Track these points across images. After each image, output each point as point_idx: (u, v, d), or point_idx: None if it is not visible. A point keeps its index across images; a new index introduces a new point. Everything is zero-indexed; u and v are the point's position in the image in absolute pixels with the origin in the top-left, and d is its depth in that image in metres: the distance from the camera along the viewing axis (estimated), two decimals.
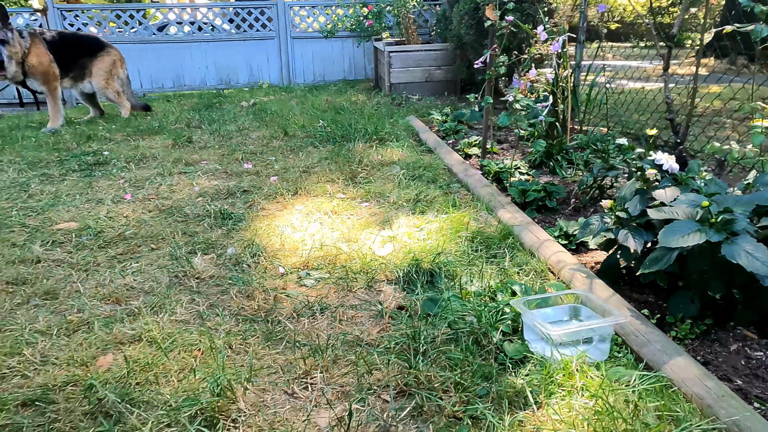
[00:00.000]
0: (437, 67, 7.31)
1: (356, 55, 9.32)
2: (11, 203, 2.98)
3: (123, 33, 8.62)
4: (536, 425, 1.32)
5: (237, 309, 1.91)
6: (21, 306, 1.90)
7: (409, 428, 1.35)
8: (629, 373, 1.50)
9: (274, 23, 8.96)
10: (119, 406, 1.36)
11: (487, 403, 1.41)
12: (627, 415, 1.30)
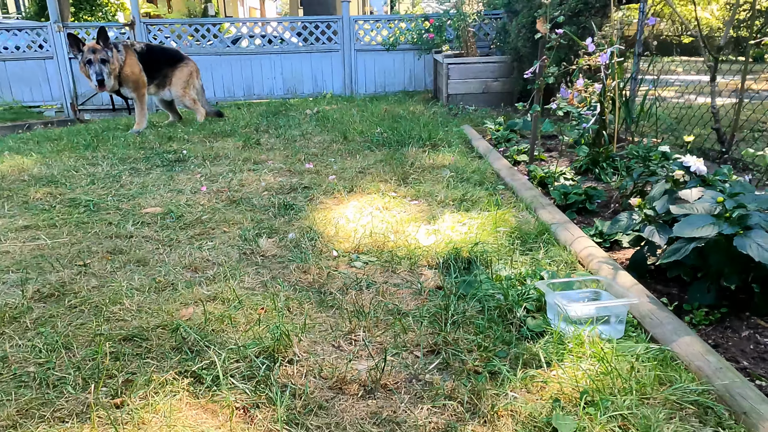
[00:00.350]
0: (494, 78, 7.49)
1: (416, 67, 9.61)
2: (107, 191, 3.43)
3: (200, 45, 9.29)
4: (545, 379, 1.52)
5: (295, 281, 2.20)
6: (119, 269, 2.27)
7: (434, 377, 1.58)
8: (637, 346, 1.67)
9: (339, 36, 9.39)
10: (199, 343, 1.67)
11: (505, 362, 1.63)
12: (625, 374, 1.49)
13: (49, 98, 9.63)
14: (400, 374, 1.59)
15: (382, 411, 1.44)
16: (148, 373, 1.53)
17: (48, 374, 1.54)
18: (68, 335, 1.73)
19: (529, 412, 1.41)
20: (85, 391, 1.46)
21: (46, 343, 1.68)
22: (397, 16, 9.51)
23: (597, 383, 1.47)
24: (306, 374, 1.57)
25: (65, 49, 9.18)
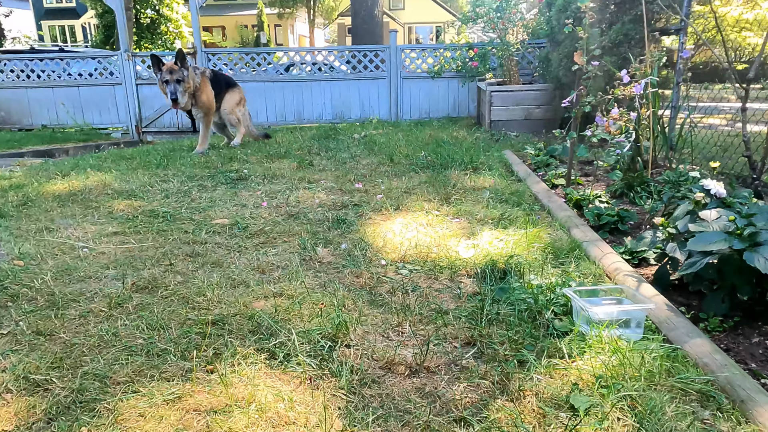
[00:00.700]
0: (536, 106, 7.73)
1: (460, 94, 9.93)
2: (180, 204, 3.85)
3: (255, 73, 9.89)
4: (566, 368, 1.77)
5: (349, 283, 2.51)
6: (198, 269, 2.63)
7: (470, 362, 1.84)
8: (651, 344, 1.89)
9: (386, 64, 9.82)
10: (272, 327, 1.99)
11: (532, 353, 1.87)
12: (637, 365, 1.72)
13: (116, 121, 10.40)
14: (441, 359, 1.86)
15: (425, 387, 1.71)
16: (231, 348, 1.85)
17: (152, 347, 1.88)
18: (164, 319, 2.09)
19: (551, 393, 1.65)
20: (183, 360, 1.79)
21: (147, 324, 2.04)
22: (442, 45, 9.92)
23: (611, 371, 1.71)
24: (361, 356, 1.87)
25: (133, 76, 9.96)
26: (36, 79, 10.31)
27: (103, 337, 1.95)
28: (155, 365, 1.77)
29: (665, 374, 1.71)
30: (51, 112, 10.62)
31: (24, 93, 10.50)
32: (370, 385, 1.71)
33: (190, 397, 1.59)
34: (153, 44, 23.63)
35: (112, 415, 1.51)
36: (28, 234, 3.18)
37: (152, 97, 10.14)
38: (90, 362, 1.79)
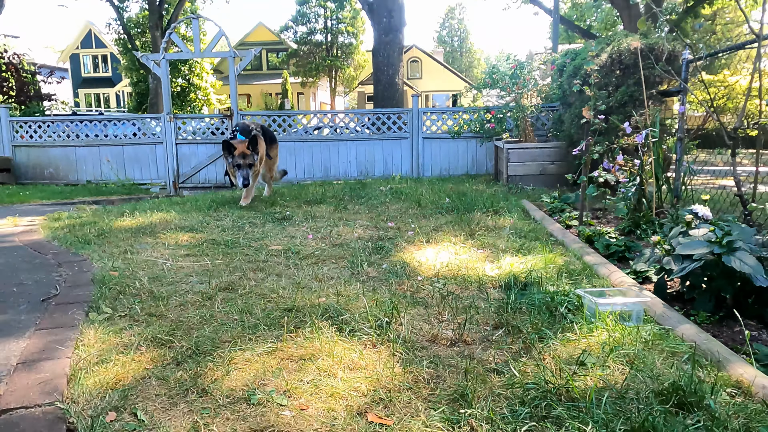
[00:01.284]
0: (551, 162, 8.30)
1: (478, 153, 10.58)
2: (236, 236, 4.39)
3: (287, 133, 10.70)
4: (577, 339, 2.20)
5: (393, 290, 2.98)
6: (266, 277, 3.14)
7: (499, 338, 2.28)
8: (647, 326, 2.32)
9: (408, 126, 10.57)
10: (337, 311, 2.46)
11: (550, 331, 2.31)
12: (634, 336, 2.15)
13: (155, 177, 11.20)
14: (475, 335, 2.31)
15: (463, 351, 2.16)
16: (309, 322, 2.33)
17: (244, 322, 2.36)
18: (247, 307, 2.57)
19: (566, 355, 2.08)
20: (272, 329, 2.26)
21: (235, 310, 2.52)
22: (461, 108, 10.67)
23: (614, 341, 2.14)
24: (410, 332, 2.32)
25: (173, 135, 10.78)
26: (84, 138, 11.20)
27: (203, 317, 2.44)
28: (251, 333, 2.24)
29: (657, 342, 2.13)
30: (96, 169, 11.45)
31: (72, 151, 11.39)
32: (419, 350, 2.16)
33: (282, 351, 2.06)
34: (182, 110, 25.10)
35: (226, 359, 1.98)
36: (114, 255, 3.73)
37: (189, 155, 10.95)
38: (198, 331, 2.27)
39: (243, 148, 5.78)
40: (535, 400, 1.73)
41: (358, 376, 1.89)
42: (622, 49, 6.57)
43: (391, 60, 14.75)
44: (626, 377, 1.87)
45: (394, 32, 14.54)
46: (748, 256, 2.42)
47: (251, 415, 1.65)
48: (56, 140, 11.30)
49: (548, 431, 1.58)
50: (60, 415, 1.65)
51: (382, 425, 1.60)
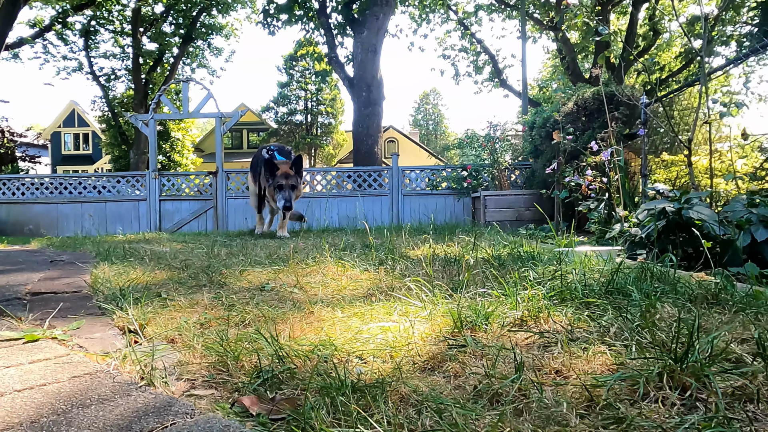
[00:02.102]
0: (526, 208, 8.70)
1: (456, 208, 10.99)
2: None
3: None
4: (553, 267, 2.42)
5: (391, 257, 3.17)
6: (267, 244, 3.30)
7: (488, 270, 2.48)
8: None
9: (389, 183, 11.00)
10: (340, 257, 2.64)
11: (531, 265, 2.52)
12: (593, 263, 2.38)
13: (137, 232, 11.25)
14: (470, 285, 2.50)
15: (437, 273, 2.34)
16: (317, 254, 2.50)
17: (250, 259, 2.52)
18: (252, 255, 2.73)
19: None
20: (276, 264, 2.43)
21: (239, 252, 2.68)
22: (440, 166, 11.19)
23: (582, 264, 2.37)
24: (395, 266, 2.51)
25: (157, 192, 10.98)
26: (68, 195, 11.29)
27: (210, 263, 2.59)
28: (258, 265, 2.40)
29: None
30: (77, 225, 11.46)
31: (54, 208, 11.45)
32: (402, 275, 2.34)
33: (290, 270, 2.23)
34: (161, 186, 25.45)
35: (238, 272, 2.14)
36: (111, 248, 3.86)
37: (173, 211, 11.11)
38: (207, 262, 2.42)
39: (287, 168, 5.21)
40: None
41: (361, 279, 2.07)
42: (586, 97, 7.18)
43: (371, 131, 15.39)
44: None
45: (373, 105, 15.26)
46: (704, 208, 2.72)
47: (268, 296, 1.81)
48: (39, 197, 11.38)
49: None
50: (87, 294, 1.79)
51: (388, 295, 1.77)
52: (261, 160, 5.56)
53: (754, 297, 1.54)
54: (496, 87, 23.55)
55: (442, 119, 62.50)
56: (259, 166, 5.59)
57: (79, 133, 42.71)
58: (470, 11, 22.40)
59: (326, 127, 38.13)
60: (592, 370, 1.03)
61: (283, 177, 5.17)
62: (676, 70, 20.20)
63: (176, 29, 23.43)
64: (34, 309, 1.62)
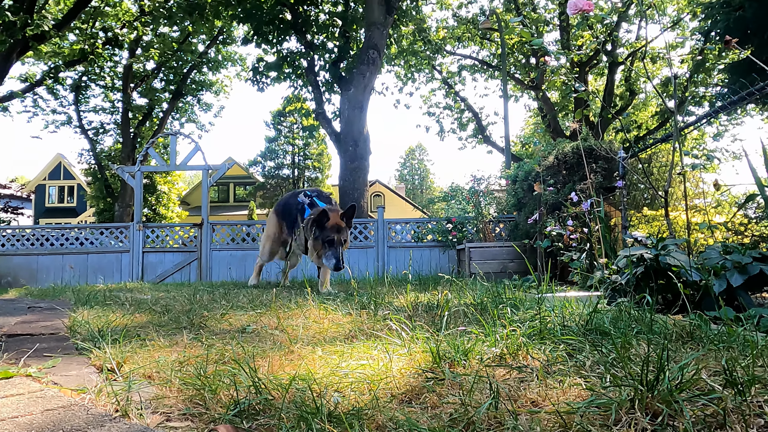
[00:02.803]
0: (510, 260, 8.75)
1: (441, 260, 11.02)
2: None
3: (255, 242, 10.98)
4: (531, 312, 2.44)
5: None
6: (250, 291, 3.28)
7: (468, 311, 2.49)
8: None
9: (374, 236, 11.05)
10: (324, 303, 2.64)
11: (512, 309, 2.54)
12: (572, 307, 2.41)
13: (118, 282, 11.08)
14: (450, 324, 2.52)
15: (416, 317, 2.35)
16: (301, 300, 2.50)
17: (232, 304, 2.51)
18: (235, 299, 2.72)
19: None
20: (258, 309, 2.42)
21: (222, 298, 2.67)
22: (425, 219, 11.30)
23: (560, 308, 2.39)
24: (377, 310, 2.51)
25: (141, 244, 10.89)
26: (49, 246, 11.15)
27: (192, 305, 2.58)
28: (240, 309, 2.39)
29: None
30: (57, 277, 11.26)
31: (35, 259, 11.29)
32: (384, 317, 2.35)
33: (271, 313, 2.22)
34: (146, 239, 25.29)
35: (219, 315, 2.13)
36: (91, 295, 3.80)
37: (156, 263, 11.01)
38: (189, 306, 2.41)
39: (338, 219, 4.30)
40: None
41: (343, 322, 2.07)
42: (566, 151, 7.40)
43: (357, 185, 15.53)
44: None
45: (359, 160, 15.45)
46: (681, 255, 2.78)
47: (248, 337, 1.80)
48: (19, 248, 11.23)
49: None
50: (65, 335, 1.77)
51: (369, 335, 1.77)
52: (293, 205, 4.86)
53: (728, 335, 1.57)
54: (480, 143, 24.12)
55: (427, 174, 63.53)
56: (289, 212, 4.89)
57: (64, 186, 42.59)
58: (454, 71, 23.22)
59: (313, 181, 38.47)
60: (567, 399, 1.04)
61: (335, 230, 4.25)
62: (653, 128, 20.94)
63: (167, 85, 23.88)
64: (9, 349, 1.59)
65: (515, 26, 14.03)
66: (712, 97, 16.98)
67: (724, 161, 20.03)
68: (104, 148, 27.08)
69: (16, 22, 12.65)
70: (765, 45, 6.92)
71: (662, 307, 2.85)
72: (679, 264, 2.69)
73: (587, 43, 16.33)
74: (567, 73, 4.75)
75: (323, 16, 16.15)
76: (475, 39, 21.68)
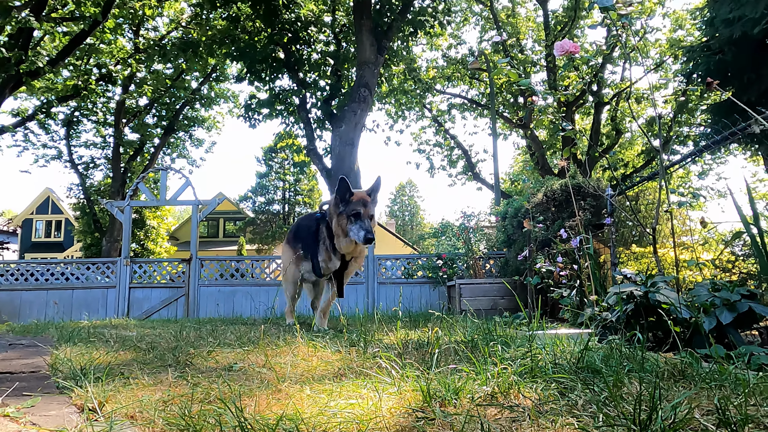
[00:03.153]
0: (501, 297, 8.72)
1: (431, 296, 10.96)
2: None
3: (244, 278, 10.90)
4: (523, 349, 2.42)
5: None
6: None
7: (459, 348, 2.46)
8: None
9: (364, 272, 10.99)
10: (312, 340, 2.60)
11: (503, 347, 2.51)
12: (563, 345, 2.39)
13: (103, 318, 10.89)
14: (441, 361, 2.48)
15: (407, 355, 2.32)
16: (289, 337, 2.46)
17: (219, 341, 2.46)
18: (220, 338, 2.67)
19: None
20: (246, 346, 2.38)
21: (209, 335, 2.62)
22: (415, 255, 11.29)
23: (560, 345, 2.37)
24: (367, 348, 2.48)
25: (128, 279, 10.75)
26: (34, 282, 10.96)
27: (177, 343, 2.53)
28: (227, 347, 2.35)
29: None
30: (41, 313, 11.05)
31: (18, 295, 11.08)
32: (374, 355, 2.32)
33: (259, 350, 2.18)
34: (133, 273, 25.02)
35: (205, 353, 2.09)
36: (75, 332, 3.72)
37: (142, 299, 10.84)
38: (175, 344, 2.36)
39: (363, 194, 3.97)
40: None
41: (332, 360, 2.04)
42: (555, 188, 7.47)
43: None
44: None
45: None
46: (670, 292, 2.79)
47: (235, 376, 1.77)
48: (2, 283, 11.03)
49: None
50: (46, 374, 1.73)
51: (359, 373, 1.75)
52: (306, 226, 4.48)
53: (719, 373, 1.56)
54: (469, 180, 24.31)
55: (417, 210, 63.78)
56: (304, 234, 4.47)
57: (52, 220, 42.21)
58: (444, 109, 23.60)
59: None
60: None
61: (361, 204, 3.85)
62: (639, 166, 21.29)
63: (159, 121, 24.02)
64: None
65: (503, 67, 14.38)
66: (695, 137, 17.35)
67: (710, 199, 20.33)
68: (94, 183, 26.96)
69: (11, 58, 12.75)
70: (745, 87, 7.13)
71: (653, 345, 2.84)
72: (668, 301, 2.69)
73: (573, 84, 16.75)
74: (554, 113, 4.81)
75: (316, 55, 16.44)
76: (465, 78, 22.12)
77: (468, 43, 30.26)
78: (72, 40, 15.05)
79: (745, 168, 18.97)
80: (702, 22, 8.96)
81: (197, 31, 17.26)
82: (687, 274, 4.54)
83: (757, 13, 6.39)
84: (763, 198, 17.56)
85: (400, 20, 14.78)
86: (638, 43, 6.06)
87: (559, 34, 19.58)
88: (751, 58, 6.91)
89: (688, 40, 17.48)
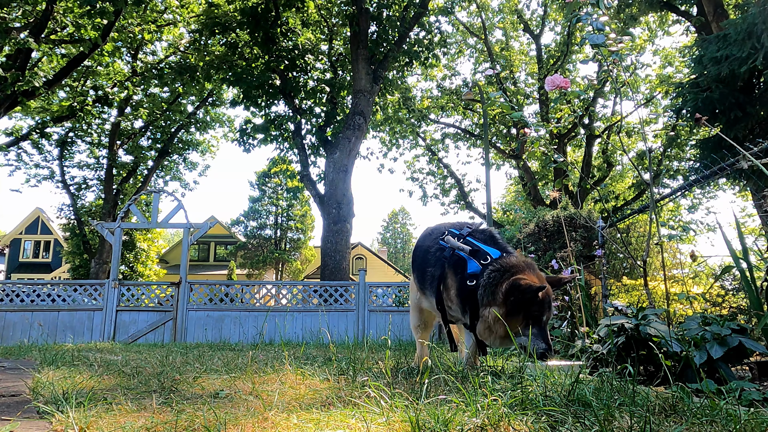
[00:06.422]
0: None
1: None
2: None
3: (234, 303, 10.79)
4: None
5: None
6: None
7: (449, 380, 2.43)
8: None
9: (355, 299, 10.93)
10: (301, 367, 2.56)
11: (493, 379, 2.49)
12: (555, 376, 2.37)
13: (88, 342, 10.70)
14: (432, 392, 2.46)
15: (396, 385, 2.29)
16: (277, 364, 2.42)
17: (206, 367, 2.42)
18: (207, 364, 2.63)
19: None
20: (233, 372, 2.34)
21: (195, 360, 2.58)
22: (406, 283, 11.25)
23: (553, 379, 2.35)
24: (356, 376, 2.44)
25: (115, 302, 10.60)
26: (19, 303, 10.78)
27: (164, 367, 2.48)
28: (214, 373, 2.31)
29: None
30: (24, 335, 10.84)
31: (1, 315, 10.89)
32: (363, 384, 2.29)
33: (247, 378, 2.15)
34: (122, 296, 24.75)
35: (191, 379, 2.06)
36: (59, 355, 3.66)
37: (129, 323, 10.68)
38: (161, 369, 2.32)
39: (549, 289, 2.68)
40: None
41: (321, 388, 2.01)
42: (546, 219, 7.52)
43: (339, 247, 15.46)
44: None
45: (342, 222, 15.46)
46: (661, 325, 2.78)
47: (221, 403, 1.74)
48: None
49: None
50: (27, 398, 1.69)
51: (347, 402, 1.72)
52: (431, 252, 2.99)
53: (710, 408, 1.55)
54: (462, 209, 24.42)
55: (410, 238, 63.75)
56: (426, 262, 3.00)
57: (41, 241, 41.77)
58: (437, 138, 23.83)
59: (295, 242, 38.31)
60: None
61: (546, 306, 2.62)
62: (630, 198, 21.48)
63: (153, 143, 24.04)
64: None
65: (496, 99, 14.57)
66: (685, 171, 17.58)
67: (700, 233, 20.50)
68: (85, 204, 26.78)
69: (7, 78, 12.79)
70: (732, 124, 7.25)
71: (644, 378, 2.82)
72: (659, 334, 2.69)
73: (565, 117, 17.01)
74: (546, 144, 4.91)
75: (312, 82, 16.62)
76: (458, 109, 22.40)
77: (462, 74, 30.75)
78: (70, 62, 15.15)
79: (734, 203, 19.20)
80: (691, 60, 9.16)
81: (195, 56, 17.45)
82: (677, 307, 4.55)
83: (744, 52, 6.55)
84: (752, 233, 17.73)
85: (396, 51, 15.01)
86: (629, 79, 6.17)
87: (551, 67, 19.96)
88: (737, 96, 7.06)
89: (677, 77, 17.86)
